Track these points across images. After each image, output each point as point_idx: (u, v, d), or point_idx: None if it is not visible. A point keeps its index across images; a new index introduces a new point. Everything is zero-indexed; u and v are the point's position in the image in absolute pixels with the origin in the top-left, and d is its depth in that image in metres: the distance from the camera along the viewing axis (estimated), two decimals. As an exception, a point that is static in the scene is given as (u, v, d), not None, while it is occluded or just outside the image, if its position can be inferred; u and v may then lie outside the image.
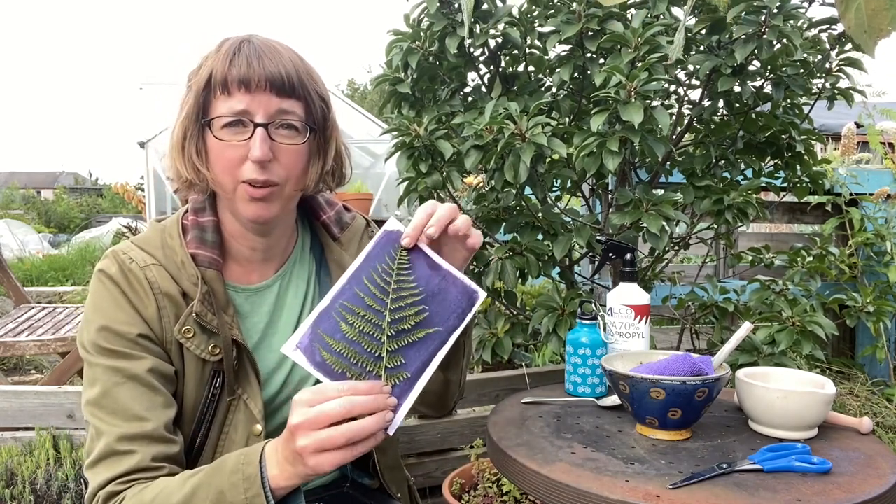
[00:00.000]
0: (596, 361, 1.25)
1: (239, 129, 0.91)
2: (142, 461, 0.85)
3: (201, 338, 0.93)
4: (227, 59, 0.90)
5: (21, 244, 8.53)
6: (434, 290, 0.80)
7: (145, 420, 0.86)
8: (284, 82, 0.91)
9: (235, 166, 0.91)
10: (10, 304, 3.68)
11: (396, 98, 1.88)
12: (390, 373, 0.75)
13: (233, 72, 0.89)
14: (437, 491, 1.70)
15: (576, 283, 1.97)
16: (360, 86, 24.65)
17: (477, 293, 0.79)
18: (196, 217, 0.99)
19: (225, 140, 0.91)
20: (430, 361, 0.76)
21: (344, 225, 1.11)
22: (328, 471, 0.76)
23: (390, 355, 0.77)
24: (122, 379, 0.88)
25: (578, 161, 1.54)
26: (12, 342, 2.57)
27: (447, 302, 0.79)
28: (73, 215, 19.75)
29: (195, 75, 0.93)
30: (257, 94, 0.90)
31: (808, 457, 0.93)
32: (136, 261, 0.93)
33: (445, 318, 0.78)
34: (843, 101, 1.80)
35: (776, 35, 1.54)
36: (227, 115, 0.90)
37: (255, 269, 1.03)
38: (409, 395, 0.74)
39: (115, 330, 0.90)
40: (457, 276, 0.81)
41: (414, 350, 0.77)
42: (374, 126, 6.72)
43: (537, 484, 0.91)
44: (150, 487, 0.83)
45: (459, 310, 0.78)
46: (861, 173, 2.62)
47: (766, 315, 1.73)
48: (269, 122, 0.91)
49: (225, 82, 0.89)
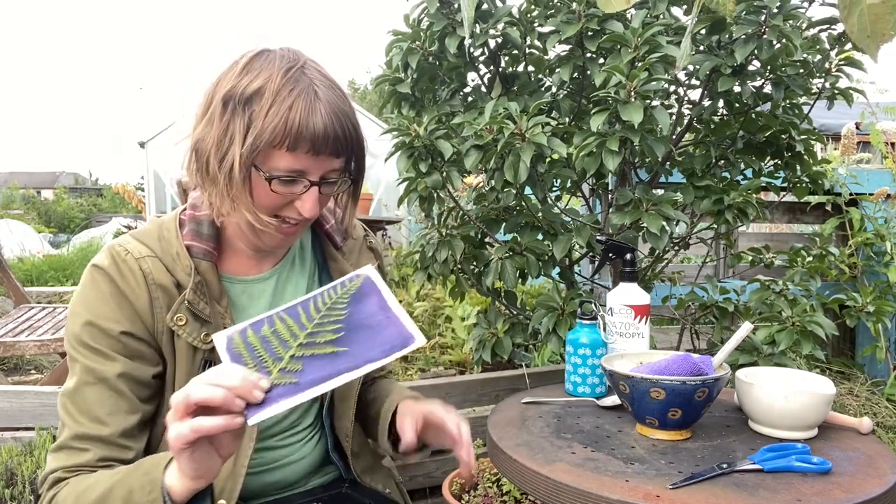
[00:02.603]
0: (596, 361, 1.25)
1: (293, 185, 0.91)
2: (91, 460, 0.88)
3: (193, 325, 0.95)
4: (299, 111, 0.87)
5: (21, 244, 8.52)
6: (369, 323, 0.82)
7: (104, 424, 0.89)
8: (340, 145, 0.91)
9: (278, 209, 0.94)
10: (10, 304, 3.68)
11: (396, 98, 1.88)
12: (282, 374, 0.77)
13: (305, 134, 0.87)
14: (437, 491, 1.70)
15: (576, 283, 1.97)
16: (360, 86, 24.65)
17: (413, 338, 0.80)
18: (194, 212, 1.01)
19: (277, 193, 0.91)
20: (330, 378, 0.76)
21: (346, 235, 1.15)
22: (192, 470, 0.75)
23: (292, 360, 0.78)
24: (92, 379, 0.90)
25: (578, 161, 1.54)
26: (12, 342, 2.57)
27: (378, 336, 0.81)
28: (73, 215, 19.76)
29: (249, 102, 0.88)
30: (320, 158, 0.90)
31: (808, 457, 0.93)
32: (131, 252, 0.95)
33: (367, 346, 0.79)
34: (842, 101, 1.80)
35: (776, 35, 1.54)
36: (286, 173, 0.89)
37: (253, 262, 1.05)
38: (289, 399, 0.74)
39: (98, 326, 0.91)
40: (401, 319, 0.82)
41: (318, 363, 0.78)
42: (374, 126, 6.73)
43: (537, 484, 0.92)
44: (89, 477, 0.86)
45: (388, 346, 0.79)
46: (861, 173, 2.62)
47: (766, 315, 1.73)
48: (321, 180, 0.93)
49: (297, 140, 0.87)
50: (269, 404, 0.73)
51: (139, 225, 6.59)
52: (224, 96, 0.89)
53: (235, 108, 0.88)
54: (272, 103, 0.87)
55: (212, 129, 0.90)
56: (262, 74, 0.89)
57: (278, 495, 1.10)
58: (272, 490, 1.09)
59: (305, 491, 1.13)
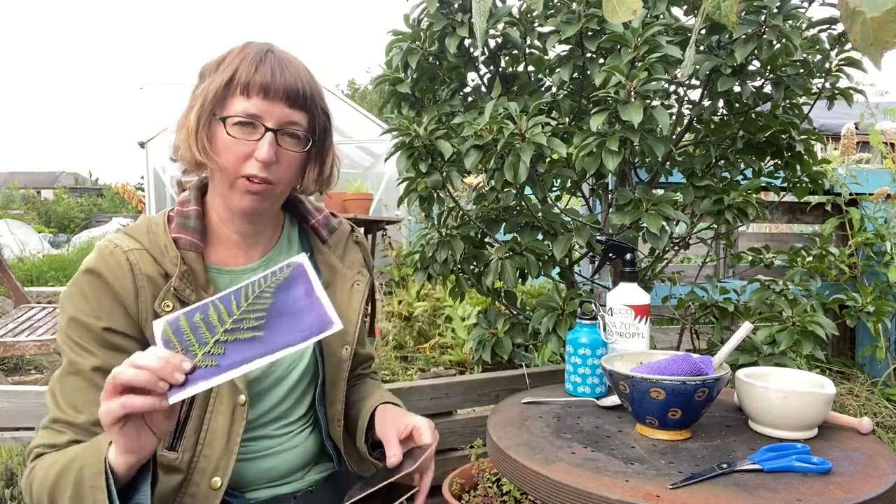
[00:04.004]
0: (596, 361, 1.25)
1: (250, 129, 0.99)
2: (65, 442, 0.95)
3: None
4: (252, 63, 0.99)
5: (21, 244, 8.53)
6: (292, 309, 0.87)
7: (79, 412, 0.95)
8: (298, 95, 1.01)
9: (240, 161, 1.00)
10: (10, 304, 3.69)
11: (396, 98, 1.88)
12: (205, 357, 0.82)
13: (256, 77, 0.98)
14: (436, 491, 1.70)
15: (576, 283, 1.97)
16: (360, 86, 24.63)
17: (331, 323, 0.84)
18: (181, 207, 1.07)
19: (235, 137, 0.99)
20: (249, 360, 0.81)
21: (332, 229, 1.21)
22: (124, 445, 0.80)
23: (216, 344, 0.84)
24: (72, 370, 0.97)
25: (578, 161, 1.54)
26: (12, 342, 2.57)
27: (299, 321, 0.85)
28: (73, 215, 19.74)
29: (214, 70, 1.01)
30: (273, 102, 0.99)
31: (808, 457, 0.93)
32: (120, 245, 1.00)
33: (287, 331, 0.84)
34: (843, 101, 1.80)
35: (776, 35, 1.54)
36: (242, 115, 0.99)
37: (241, 252, 1.11)
38: (209, 380, 0.80)
39: (80, 321, 0.97)
40: (323, 304, 0.87)
41: (239, 347, 0.83)
42: (374, 126, 6.72)
43: (537, 484, 0.92)
44: (61, 452, 0.93)
45: (307, 331, 0.84)
46: (861, 173, 2.62)
47: (766, 315, 1.73)
48: (278, 128, 1.00)
49: (247, 85, 0.98)
50: (189, 385, 0.79)
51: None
52: (199, 73, 1.04)
53: (203, 75, 1.03)
54: (229, 59, 1.00)
55: (189, 102, 1.02)
56: (229, 51, 1.03)
57: (274, 488, 1.12)
58: (266, 479, 1.11)
59: (302, 482, 1.15)
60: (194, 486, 1.00)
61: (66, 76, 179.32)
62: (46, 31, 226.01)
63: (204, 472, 1.01)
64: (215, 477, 1.01)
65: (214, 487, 1.00)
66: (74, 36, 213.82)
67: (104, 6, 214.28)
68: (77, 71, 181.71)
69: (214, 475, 1.01)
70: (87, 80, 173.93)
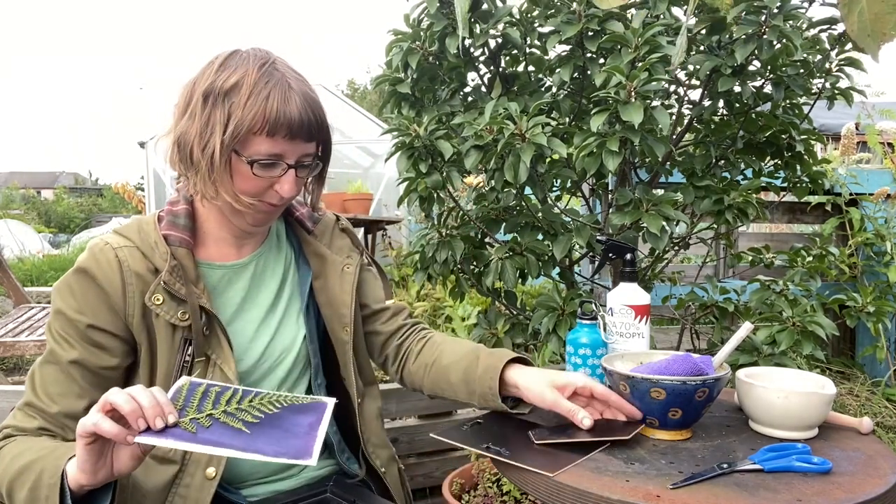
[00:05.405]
0: (596, 361, 1.25)
1: (272, 167, 1.01)
2: (35, 428, 0.98)
3: (171, 304, 1.01)
4: (274, 103, 0.96)
5: (21, 244, 8.53)
6: (288, 427, 0.88)
7: (54, 402, 0.98)
8: (313, 128, 1.01)
9: (261, 193, 1.02)
10: (10, 304, 3.68)
11: (396, 98, 1.88)
12: (191, 422, 0.84)
13: (282, 120, 0.97)
14: (437, 491, 1.70)
15: (576, 283, 1.97)
16: (360, 86, 24.62)
17: (309, 456, 0.84)
18: (170, 207, 1.09)
19: (259, 176, 1.00)
20: (220, 445, 0.82)
21: (315, 220, 1.23)
22: (82, 461, 0.81)
23: (207, 417, 0.86)
24: (52, 359, 0.99)
25: (578, 161, 1.54)
26: (12, 342, 2.57)
27: (284, 440, 0.86)
28: (73, 215, 19.76)
29: (224, 97, 0.97)
30: (295, 142, 1.00)
31: (809, 457, 0.93)
32: (110, 243, 1.02)
33: (267, 441, 0.85)
34: (842, 101, 1.80)
35: (776, 35, 1.54)
36: (266, 157, 0.99)
37: (232, 250, 1.13)
38: (179, 441, 0.81)
39: (66, 315, 0.99)
40: (315, 440, 0.87)
41: (223, 430, 0.85)
42: (374, 126, 6.71)
43: (537, 484, 0.91)
44: (29, 441, 0.95)
45: (282, 450, 0.84)
46: (861, 173, 2.62)
47: (767, 315, 1.73)
48: (297, 164, 1.02)
49: (274, 127, 0.97)
50: (161, 436, 0.81)
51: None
52: (204, 92, 0.98)
53: (216, 101, 0.97)
54: (250, 94, 0.96)
55: (193, 123, 0.98)
56: (238, 70, 0.98)
57: (270, 484, 1.13)
58: (262, 473, 1.12)
59: (289, 491, 1.16)
60: (189, 477, 1.02)
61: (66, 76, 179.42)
62: (46, 31, 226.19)
63: (198, 463, 1.02)
64: (210, 467, 1.02)
65: (209, 478, 1.02)
66: (74, 36, 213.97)
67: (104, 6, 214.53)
68: (77, 71, 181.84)
69: (209, 465, 1.02)
70: (87, 80, 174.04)
